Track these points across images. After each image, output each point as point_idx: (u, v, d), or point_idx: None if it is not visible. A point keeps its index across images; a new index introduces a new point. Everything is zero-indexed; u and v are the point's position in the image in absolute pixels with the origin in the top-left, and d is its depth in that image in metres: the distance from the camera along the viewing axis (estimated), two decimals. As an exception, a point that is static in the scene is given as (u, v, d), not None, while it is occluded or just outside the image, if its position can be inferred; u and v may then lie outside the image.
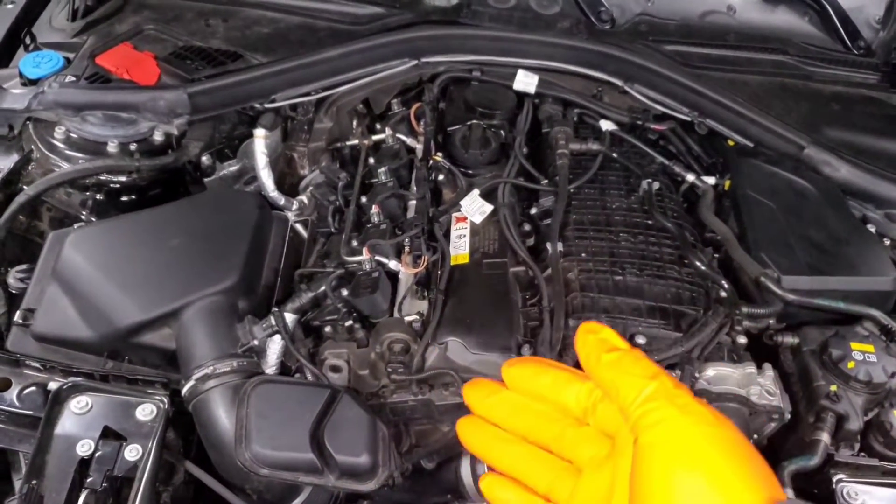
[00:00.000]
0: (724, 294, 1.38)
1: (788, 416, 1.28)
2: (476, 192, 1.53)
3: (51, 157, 1.53)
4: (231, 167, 1.75)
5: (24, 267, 1.44)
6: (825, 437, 1.24)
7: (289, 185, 1.80)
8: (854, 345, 1.33)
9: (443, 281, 1.36)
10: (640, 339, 1.28)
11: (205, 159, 1.67)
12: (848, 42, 1.95)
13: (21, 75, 1.66)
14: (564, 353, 1.25)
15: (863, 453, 1.28)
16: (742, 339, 1.33)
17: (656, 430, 0.52)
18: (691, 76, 1.76)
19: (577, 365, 1.25)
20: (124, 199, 1.58)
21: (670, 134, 1.78)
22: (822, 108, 1.80)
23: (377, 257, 1.39)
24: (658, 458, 0.51)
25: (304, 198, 1.73)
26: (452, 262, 1.42)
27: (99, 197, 1.56)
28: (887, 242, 1.57)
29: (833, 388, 1.29)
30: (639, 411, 0.54)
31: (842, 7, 1.94)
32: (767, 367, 1.31)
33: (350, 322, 1.33)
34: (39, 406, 1.20)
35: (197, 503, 1.26)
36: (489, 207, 1.51)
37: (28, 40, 1.77)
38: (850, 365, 1.30)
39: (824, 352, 1.33)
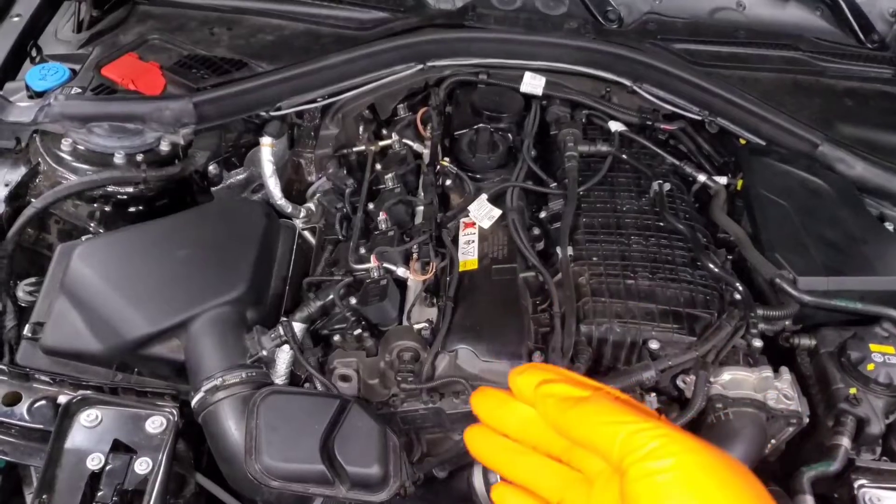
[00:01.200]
0: (738, 296, 1.35)
1: (807, 421, 1.25)
2: (484, 196, 1.52)
3: (58, 170, 1.53)
4: (238, 176, 1.75)
5: (32, 280, 1.45)
6: (845, 442, 1.21)
7: (296, 191, 1.80)
8: (873, 346, 1.30)
9: (452, 288, 1.35)
10: (654, 344, 1.26)
11: (212, 168, 1.67)
12: (861, 36, 1.91)
13: (28, 88, 1.66)
14: (576, 360, 1.23)
15: (885, 458, 1.26)
16: (758, 343, 1.31)
17: (643, 482, 0.50)
18: (701, 74, 1.74)
19: (590, 370, 1.24)
20: (132, 209, 1.58)
21: (680, 134, 1.76)
22: (836, 105, 1.77)
23: (385, 265, 1.38)
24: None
25: (311, 205, 1.72)
26: (461, 269, 1.40)
27: (106, 208, 1.56)
28: (905, 240, 1.54)
29: (852, 391, 1.26)
30: (623, 465, 0.52)
31: (854, 0, 1.91)
32: (784, 370, 1.28)
33: (359, 331, 1.32)
34: (49, 420, 1.20)
35: (209, 514, 1.26)
36: (497, 212, 1.49)
37: (34, 53, 1.77)
38: (870, 367, 1.27)
39: (842, 354, 1.30)
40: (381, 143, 1.74)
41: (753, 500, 0.50)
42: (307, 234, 1.70)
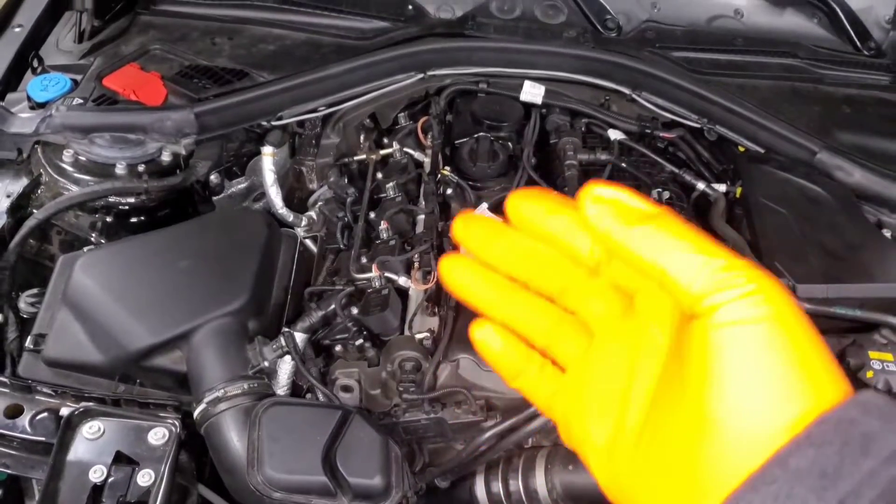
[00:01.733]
0: (738, 304, 1.35)
1: (808, 428, 1.25)
2: (485, 205, 1.53)
3: (59, 181, 1.53)
4: (239, 185, 1.75)
5: (34, 291, 1.44)
6: (845, 450, 1.21)
7: (298, 199, 1.80)
8: (872, 354, 1.30)
9: (453, 297, 1.35)
10: (654, 354, 1.26)
11: (213, 178, 1.67)
12: (858, 43, 1.92)
13: (29, 99, 1.66)
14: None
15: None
16: (759, 350, 1.31)
17: (737, 333, 0.39)
18: (699, 82, 1.74)
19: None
20: (133, 220, 1.58)
21: (679, 141, 1.76)
22: (834, 112, 1.78)
23: (387, 274, 1.39)
24: (737, 363, 0.39)
25: (312, 214, 1.73)
26: (462, 278, 1.40)
27: (108, 219, 1.56)
28: (903, 247, 1.54)
29: (852, 398, 1.27)
30: (702, 306, 0.39)
31: (851, 8, 1.92)
32: (785, 377, 1.29)
33: (360, 341, 1.32)
34: (52, 432, 1.20)
35: (212, 525, 1.26)
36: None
37: (36, 63, 1.78)
38: (869, 374, 1.27)
39: (842, 361, 1.31)
40: (382, 152, 1.74)
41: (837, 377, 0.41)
42: (309, 242, 1.70)
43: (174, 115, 1.62)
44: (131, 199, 1.56)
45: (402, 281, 1.39)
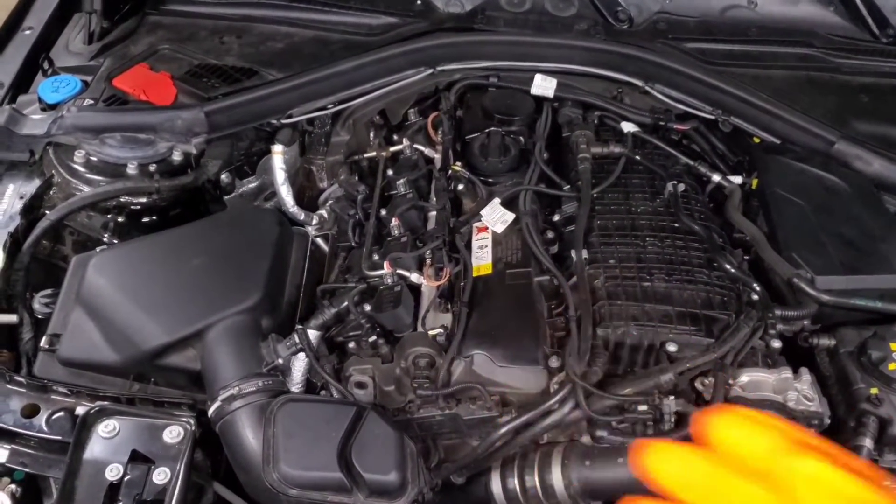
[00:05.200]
0: (755, 297, 1.34)
1: (828, 422, 1.23)
2: (497, 200, 1.51)
3: (72, 182, 1.54)
4: (250, 184, 1.75)
5: (48, 292, 1.45)
6: (868, 443, 1.19)
7: (308, 198, 1.80)
8: (894, 345, 1.28)
9: (466, 293, 1.34)
10: (672, 347, 1.25)
11: (224, 177, 1.67)
12: (876, 31, 1.89)
13: (40, 100, 1.67)
14: (593, 363, 1.22)
15: (908, 458, 1.24)
16: (776, 343, 1.29)
17: None
18: (713, 73, 1.72)
19: (608, 374, 1.23)
20: (145, 220, 1.58)
21: (694, 133, 1.74)
22: (851, 101, 1.75)
23: (399, 271, 1.38)
24: None
25: (323, 212, 1.72)
26: (475, 274, 1.40)
27: (120, 219, 1.56)
28: (925, 238, 1.52)
29: (874, 391, 1.25)
30: None
31: (868, -5, 1.89)
32: (804, 371, 1.27)
33: (374, 337, 1.31)
34: (68, 431, 1.20)
35: (229, 523, 1.25)
36: (511, 216, 1.48)
37: (46, 65, 1.78)
38: (892, 367, 1.25)
39: (863, 353, 1.29)
40: (393, 149, 1.74)
41: None
42: (320, 241, 1.69)
43: (184, 115, 1.62)
44: (143, 199, 1.56)
45: (414, 278, 1.38)
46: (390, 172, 1.64)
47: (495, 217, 1.49)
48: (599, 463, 1.20)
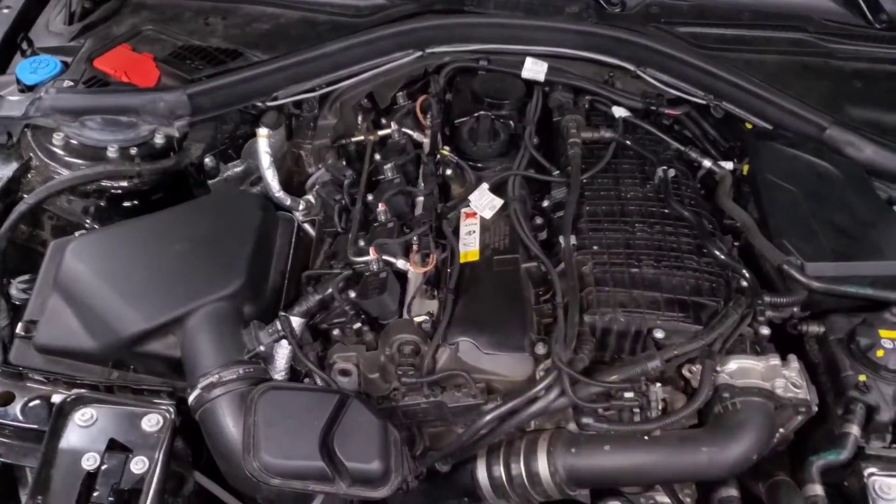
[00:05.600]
0: (745, 283, 1.32)
1: (816, 409, 1.22)
2: (485, 186, 1.49)
3: (50, 165, 1.51)
4: (236, 168, 1.72)
5: (26, 277, 1.42)
6: (855, 430, 1.18)
7: (297, 183, 1.77)
8: (883, 332, 1.27)
9: (452, 279, 1.32)
10: (659, 334, 1.23)
11: (208, 161, 1.64)
12: (869, 16, 1.87)
13: (18, 81, 1.63)
14: (580, 350, 1.20)
15: (895, 445, 1.22)
16: (765, 330, 1.28)
17: None
18: (705, 58, 1.70)
19: (595, 361, 1.22)
20: (127, 204, 1.56)
21: (685, 119, 1.72)
22: (844, 87, 1.73)
23: (385, 257, 1.36)
24: None
25: (310, 197, 1.69)
26: (462, 260, 1.37)
27: (101, 203, 1.53)
28: (916, 224, 1.50)
29: (862, 378, 1.24)
30: None
31: (862, -20, 1.87)
32: (792, 358, 1.26)
33: (358, 324, 1.29)
34: (44, 419, 1.18)
35: (213, 512, 1.24)
36: (499, 202, 1.46)
37: (25, 45, 1.74)
38: (880, 353, 1.24)
39: (852, 340, 1.28)
40: (381, 133, 1.71)
41: None
42: (307, 226, 1.67)
43: (166, 97, 1.58)
44: (124, 183, 1.53)
45: (400, 264, 1.36)
46: (378, 157, 1.62)
47: (483, 202, 1.46)
48: (585, 450, 1.19)
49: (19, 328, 1.30)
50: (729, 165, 1.59)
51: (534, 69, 1.72)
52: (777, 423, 1.22)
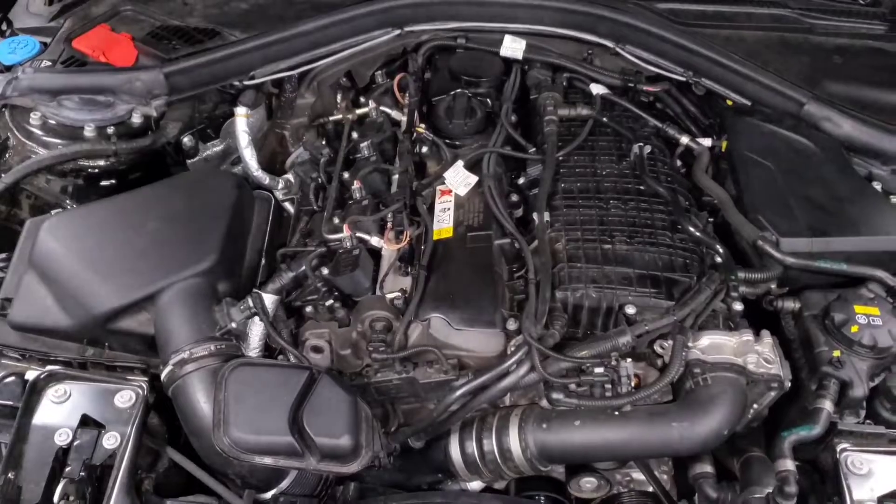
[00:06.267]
0: (719, 259, 1.32)
1: (788, 385, 1.22)
2: (460, 163, 1.49)
3: (27, 144, 1.51)
4: (215, 147, 1.72)
5: (3, 256, 1.42)
6: (827, 405, 1.18)
7: (281, 163, 1.77)
8: (858, 308, 1.26)
9: (425, 256, 1.32)
10: (630, 309, 1.23)
11: (187, 140, 1.64)
12: (853, -9, 1.85)
13: (-4, 62, 1.63)
14: (551, 326, 1.20)
15: (869, 421, 1.23)
16: (738, 306, 1.28)
17: None
18: (685, 34, 1.69)
19: (567, 337, 1.22)
20: (104, 183, 1.56)
21: (665, 96, 1.72)
22: (824, 62, 1.72)
23: (359, 234, 1.36)
24: None
25: (289, 176, 1.70)
26: (436, 237, 1.38)
27: (79, 182, 1.53)
28: (894, 200, 1.50)
29: (836, 353, 1.23)
30: None
31: (847, -45, 1.85)
32: (765, 333, 1.25)
33: (331, 301, 1.30)
34: (18, 396, 1.19)
35: (189, 489, 1.24)
36: (474, 179, 1.46)
37: (4, 26, 1.74)
38: (854, 329, 1.24)
39: (826, 316, 1.27)
40: (359, 112, 1.71)
41: None
42: (288, 205, 1.67)
43: (143, 76, 1.58)
44: (101, 162, 1.53)
45: (374, 241, 1.36)
46: (355, 135, 1.61)
47: (458, 179, 1.46)
48: (556, 426, 1.19)
49: (-6, 306, 1.30)
50: (707, 142, 1.58)
51: (512, 47, 1.72)
52: (749, 399, 1.23)
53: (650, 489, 1.35)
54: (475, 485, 1.33)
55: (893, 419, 1.22)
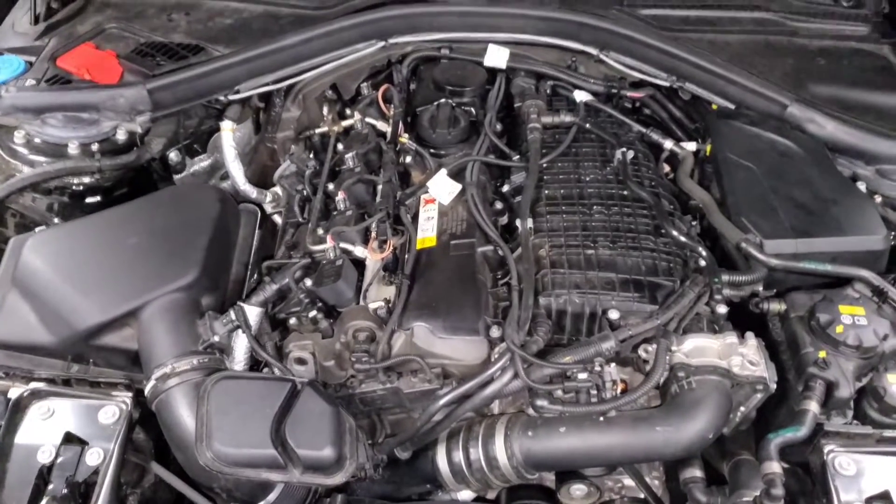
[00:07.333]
0: (703, 263, 1.32)
1: (774, 386, 1.21)
2: (444, 172, 1.49)
3: (12, 163, 1.52)
4: (202, 162, 1.72)
5: (-13, 275, 1.42)
6: (813, 407, 1.17)
7: (272, 176, 1.77)
8: (843, 308, 1.26)
9: (409, 265, 1.32)
10: (614, 314, 1.23)
11: (173, 156, 1.65)
12: (836, -6, 1.86)
13: (-18, 82, 1.63)
14: (534, 332, 1.20)
15: (856, 421, 1.22)
16: (722, 309, 1.27)
17: None
18: (668, 40, 1.69)
19: (552, 343, 1.21)
20: (90, 200, 1.56)
21: (650, 101, 1.72)
22: (808, 64, 1.73)
23: (342, 244, 1.36)
24: None
25: (277, 189, 1.70)
26: (419, 246, 1.37)
27: (64, 200, 1.54)
28: (878, 200, 1.50)
29: (822, 354, 1.23)
30: None
31: (828, -42, 1.86)
32: (750, 335, 1.25)
33: (314, 313, 1.29)
34: (1, 414, 1.18)
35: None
36: (458, 187, 1.46)
37: (-10, 47, 1.75)
38: (839, 329, 1.23)
39: (812, 317, 1.27)
40: (344, 123, 1.71)
41: None
42: (277, 218, 1.67)
43: (127, 93, 1.59)
44: (86, 179, 1.53)
45: (358, 251, 1.36)
46: (341, 147, 1.62)
47: (442, 188, 1.46)
48: (541, 433, 1.18)
49: (-23, 324, 1.30)
50: (692, 146, 1.59)
51: (496, 56, 1.73)
52: (735, 402, 1.22)
53: (642, 496, 1.34)
54: (465, 495, 1.32)
55: (881, 419, 1.20)
